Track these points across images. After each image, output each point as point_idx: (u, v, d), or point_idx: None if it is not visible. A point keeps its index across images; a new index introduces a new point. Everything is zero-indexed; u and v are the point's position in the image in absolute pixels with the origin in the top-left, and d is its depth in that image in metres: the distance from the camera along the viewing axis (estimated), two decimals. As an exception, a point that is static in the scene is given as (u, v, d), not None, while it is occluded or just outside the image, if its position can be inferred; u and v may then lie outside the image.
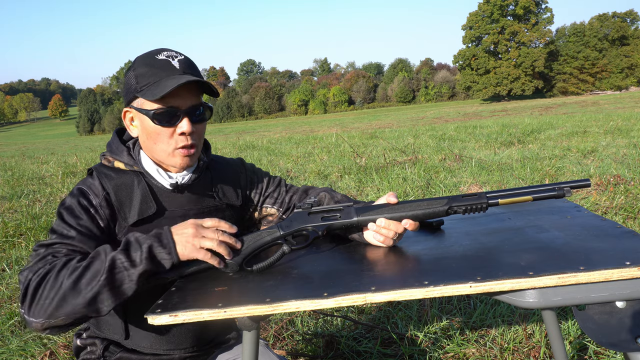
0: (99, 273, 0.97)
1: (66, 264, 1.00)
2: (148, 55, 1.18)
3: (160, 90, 1.10)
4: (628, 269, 0.85)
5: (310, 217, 1.17)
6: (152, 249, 1.01)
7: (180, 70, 1.15)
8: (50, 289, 0.97)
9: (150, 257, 1.00)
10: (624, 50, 67.43)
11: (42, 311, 0.96)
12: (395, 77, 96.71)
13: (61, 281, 0.97)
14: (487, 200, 1.10)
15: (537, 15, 68.82)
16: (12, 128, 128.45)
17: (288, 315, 2.46)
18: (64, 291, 0.96)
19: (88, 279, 0.97)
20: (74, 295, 0.96)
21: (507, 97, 67.36)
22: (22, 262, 3.48)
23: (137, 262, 0.99)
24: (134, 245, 1.02)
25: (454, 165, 6.45)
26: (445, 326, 2.27)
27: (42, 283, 0.98)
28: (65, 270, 0.99)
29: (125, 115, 1.23)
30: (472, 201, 1.11)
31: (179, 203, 1.22)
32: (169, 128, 1.15)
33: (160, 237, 1.03)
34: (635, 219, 3.59)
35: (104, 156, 1.24)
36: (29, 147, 24.61)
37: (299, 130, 24.33)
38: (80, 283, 0.97)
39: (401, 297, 0.88)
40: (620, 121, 11.36)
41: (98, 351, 1.22)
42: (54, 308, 0.96)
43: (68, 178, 7.59)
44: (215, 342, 1.32)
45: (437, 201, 1.13)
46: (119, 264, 0.98)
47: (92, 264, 0.99)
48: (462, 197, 1.12)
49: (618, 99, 29.27)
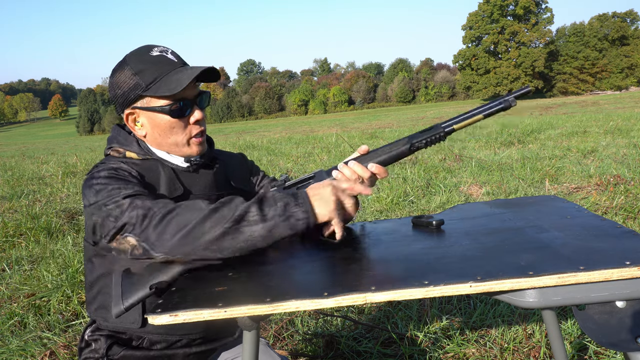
0: (224, 219, 0.95)
1: (188, 205, 0.98)
2: (140, 53, 1.17)
3: (177, 85, 1.11)
4: (628, 268, 0.85)
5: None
6: (287, 207, 0.98)
7: (178, 62, 1.17)
8: (176, 225, 0.95)
9: (286, 216, 0.97)
10: (624, 50, 67.42)
11: (162, 246, 0.96)
12: (395, 77, 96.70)
13: (185, 219, 0.95)
14: (443, 130, 1.16)
15: (537, 15, 68.81)
16: (12, 128, 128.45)
17: (288, 315, 2.46)
18: (187, 230, 0.95)
19: (214, 222, 0.95)
20: (195, 235, 0.95)
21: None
22: (22, 262, 3.48)
23: (267, 217, 0.96)
24: (269, 201, 0.99)
25: (454, 165, 6.45)
26: (445, 326, 2.27)
27: (165, 218, 0.97)
28: (187, 211, 0.97)
29: (127, 118, 1.20)
30: (430, 133, 1.16)
31: (201, 186, 1.25)
32: (182, 120, 1.18)
33: (296, 196, 1.00)
34: (635, 219, 3.59)
35: (112, 148, 1.22)
36: (29, 147, 24.61)
37: (299, 130, 24.33)
38: (204, 225, 0.95)
39: (401, 297, 0.88)
40: (620, 121, 11.37)
41: (102, 350, 1.20)
42: (175, 245, 0.95)
43: (68, 178, 7.59)
44: (223, 333, 1.32)
45: (399, 142, 1.18)
46: (249, 217, 0.96)
47: (221, 208, 0.97)
48: (420, 133, 1.17)
49: (618, 99, 29.28)
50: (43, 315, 2.65)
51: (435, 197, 4.67)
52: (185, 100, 1.17)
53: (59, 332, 2.45)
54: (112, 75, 1.19)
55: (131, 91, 1.15)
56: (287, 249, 1.24)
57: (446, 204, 4.45)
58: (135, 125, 1.21)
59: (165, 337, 1.22)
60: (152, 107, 1.15)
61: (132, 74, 1.14)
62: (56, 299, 2.76)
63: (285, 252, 1.20)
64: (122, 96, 1.17)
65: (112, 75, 1.19)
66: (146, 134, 1.20)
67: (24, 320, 2.60)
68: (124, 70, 1.16)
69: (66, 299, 2.77)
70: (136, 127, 1.21)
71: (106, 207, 1.03)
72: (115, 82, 1.17)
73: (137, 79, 1.14)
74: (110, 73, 1.20)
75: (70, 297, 2.78)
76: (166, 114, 1.16)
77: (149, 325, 1.18)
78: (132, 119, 1.20)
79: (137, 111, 1.18)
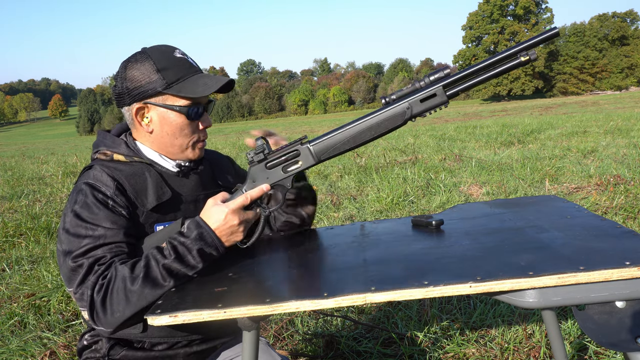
0: (160, 285, 1.03)
1: (123, 277, 1.03)
2: (164, 52, 1.18)
3: (204, 89, 1.15)
4: (628, 268, 0.85)
5: (272, 171, 1.13)
6: (202, 251, 1.07)
7: (197, 68, 1.22)
8: (117, 304, 1.01)
9: (202, 258, 1.07)
10: (624, 50, 67.43)
11: (112, 323, 1.02)
12: (395, 77, 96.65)
13: (124, 296, 1.01)
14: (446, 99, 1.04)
15: (537, 16, 68.86)
16: (12, 128, 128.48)
17: (288, 315, 2.46)
18: (132, 305, 1.01)
19: (150, 289, 1.02)
20: (140, 304, 1.02)
21: (507, 97, 67.36)
22: (22, 262, 3.48)
23: (196, 266, 1.06)
24: (182, 250, 1.06)
25: (454, 165, 6.45)
26: (445, 326, 2.27)
27: (106, 300, 1.02)
28: (123, 283, 1.02)
29: (137, 112, 1.19)
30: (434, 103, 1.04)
31: (188, 188, 1.27)
32: (193, 123, 1.21)
33: (204, 238, 1.07)
34: (635, 219, 3.59)
35: (99, 151, 1.23)
36: (29, 147, 24.61)
37: (299, 130, 24.33)
38: (144, 293, 1.02)
39: (401, 297, 0.88)
40: (620, 121, 11.36)
41: (103, 350, 1.20)
42: (124, 319, 1.02)
43: (68, 178, 7.59)
44: (224, 332, 1.32)
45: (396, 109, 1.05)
46: (178, 273, 1.04)
47: (149, 273, 1.03)
48: (421, 102, 1.04)
49: (618, 99, 29.28)
50: (43, 315, 2.65)
51: (435, 197, 4.67)
52: (200, 104, 1.21)
53: (59, 332, 2.45)
54: (126, 67, 1.18)
55: (149, 85, 1.15)
56: (287, 250, 1.24)
57: (446, 204, 4.45)
58: (142, 120, 1.21)
59: (167, 339, 1.22)
60: (170, 105, 1.17)
61: (154, 70, 1.15)
62: (56, 299, 2.76)
63: (284, 253, 1.20)
64: (137, 89, 1.16)
65: (126, 67, 1.18)
66: (152, 130, 1.21)
67: (24, 320, 2.60)
68: (144, 64, 1.16)
69: (66, 299, 2.77)
70: (143, 122, 1.21)
71: (69, 260, 1.08)
72: (132, 75, 1.17)
73: (159, 75, 1.15)
74: (123, 64, 1.19)
75: (70, 297, 2.78)
76: (183, 114, 1.18)
77: (151, 329, 1.18)
78: (141, 114, 1.20)
79: (150, 106, 1.18)
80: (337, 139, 1.08)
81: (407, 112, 1.05)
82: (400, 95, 1.06)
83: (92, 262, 1.06)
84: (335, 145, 1.09)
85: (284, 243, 1.31)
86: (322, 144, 1.10)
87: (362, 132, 1.07)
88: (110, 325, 1.03)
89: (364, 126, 1.07)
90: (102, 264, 1.06)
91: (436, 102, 1.03)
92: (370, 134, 1.07)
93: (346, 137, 1.08)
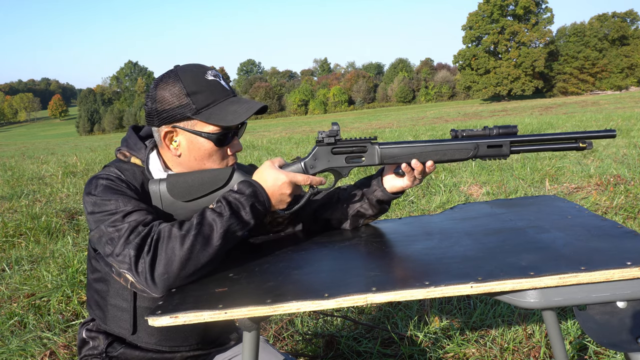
0: (211, 244, 1.03)
1: (173, 236, 1.02)
2: (195, 74, 1.14)
3: (234, 118, 1.12)
4: (629, 269, 0.85)
5: (335, 157, 1.17)
6: (254, 207, 1.10)
7: (230, 91, 1.18)
8: (167, 264, 1.00)
9: (254, 214, 1.10)
10: (624, 50, 67.42)
11: (161, 283, 1.00)
12: (395, 77, 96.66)
13: (174, 255, 1.00)
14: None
15: (537, 15, 68.80)
16: (12, 128, 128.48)
17: (288, 315, 2.46)
18: (180, 262, 1.00)
19: (201, 246, 1.02)
20: (190, 263, 1.01)
21: (507, 97, 67.34)
22: (22, 262, 3.48)
23: (249, 222, 1.09)
24: (237, 205, 1.08)
25: (454, 165, 6.45)
26: (445, 326, 2.27)
27: (155, 261, 1.00)
28: (172, 241, 1.01)
29: (165, 135, 1.16)
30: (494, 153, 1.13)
31: None
32: (223, 148, 1.19)
33: (257, 195, 1.11)
34: (635, 219, 3.59)
35: (120, 150, 1.23)
36: (29, 147, 24.61)
37: (299, 130, 24.32)
38: (194, 252, 1.01)
39: (402, 297, 0.88)
40: (620, 121, 11.36)
41: (101, 346, 1.20)
42: (173, 279, 1.01)
43: (68, 178, 7.58)
44: (218, 342, 1.32)
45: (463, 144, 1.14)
46: (229, 229, 1.06)
47: (201, 230, 1.03)
48: (487, 148, 1.13)
49: (618, 99, 29.26)
50: (43, 315, 2.65)
51: (435, 197, 4.67)
52: (230, 130, 1.17)
53: (59, 332, 2.45)
54: (158, 87, 1.14)
55: (179, 110, 1.12)
56: (287, 250, 1.24)
57: (446, 204, 4.45)
58: (171, 143, 1.17)
59: (155, 347, 1.22)
60: (198, 131, 1.13)
61: (184, 94, 1.11)
62: (56, 299, 2.75)
63: (285, 253, 1.20)
64: (166, 112, 1.13)
65: (158, 87, 1.14)
66: (180, 154, 1.17)
67: (24, 320, 2.60)
68: (175, 87, 1.12)
69: (66, 299, 2.77)
70: (171, 146, 1.17)
71: (105, 227, 1.05)
72: (161, 96, 1.13)
73: (189, 100, 1.11)
74: (155, 83, 1.15)
75: (70, 297, 2.78)
76: (211, 141, 1.15)
77: (141, 332, 1.19)
78: (170, 137, 1.16)
79: (179, 131, 1.15)
80: (405, 150, 1.16)
81: (473, 151, 1.14)
82: (471, 135, 1.15)
83: (133, 225, 1.04)
84: (401, 155, 1.16)
85: (284, 243, 1.31)
86: (391, 150, 1.16)
87: (429, 153, 1.15)
88: (156, 288, 1.01)
89: (432, 148, 1.14)
90: (146, 223, 1.05)
91: (499, 152, 1.13)
92: (434, 157, 1.15)
93: (413, 152, 1.15)
